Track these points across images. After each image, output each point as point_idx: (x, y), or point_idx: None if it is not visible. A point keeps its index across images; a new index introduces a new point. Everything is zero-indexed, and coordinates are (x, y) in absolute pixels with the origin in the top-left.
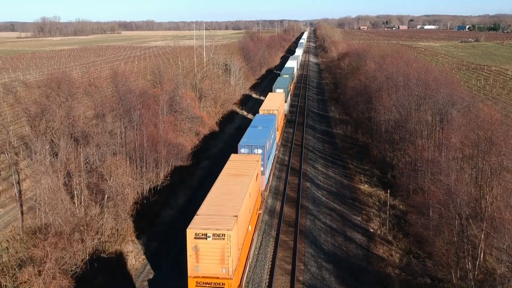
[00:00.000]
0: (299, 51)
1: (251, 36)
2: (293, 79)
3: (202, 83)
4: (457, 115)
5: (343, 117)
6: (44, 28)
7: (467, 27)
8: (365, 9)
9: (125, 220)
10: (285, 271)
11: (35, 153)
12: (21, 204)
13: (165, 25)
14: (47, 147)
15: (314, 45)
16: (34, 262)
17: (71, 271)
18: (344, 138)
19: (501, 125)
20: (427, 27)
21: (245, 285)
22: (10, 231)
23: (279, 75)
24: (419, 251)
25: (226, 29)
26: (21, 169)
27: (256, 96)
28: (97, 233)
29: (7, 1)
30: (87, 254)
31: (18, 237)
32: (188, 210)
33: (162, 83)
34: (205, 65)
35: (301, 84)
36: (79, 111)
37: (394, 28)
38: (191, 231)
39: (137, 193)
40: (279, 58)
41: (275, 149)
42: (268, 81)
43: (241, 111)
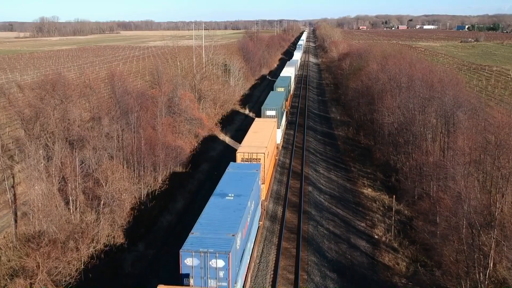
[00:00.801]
0: (297, 54)
1: (250, 36)
2: (289, 92)
3: (201, 84)
4: (464, 117)
5: (344, 118)
6: (42, 28)
7: (467, 27)
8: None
9: (121, 226)
10: (288, 281)
11: (29, 158)
12: (15, 209)
13: (164, 25)
14: (41, 151)
15: (313, 45)
16: (26, 272)
17: (65, 281)
18: (345, 140)
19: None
20: (426, 27)
21: None
22: (3, 238)
23: (272, 83)
24: (426, 259)
25: (225, 29)
26: (16, 173)
27: (256, 96)
28: (93, 240)
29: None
30: (81, 263)
31: (11, 244)
32: (187, 215)
33: (160, 84)
34: (204, 65)
35: (301, 84)
36: (75, 114)
37: (393, 28)
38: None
39: (135, 198)
40: (278, 58)
41: (258, 220)
42: (267, 82)
43: (241, 112)
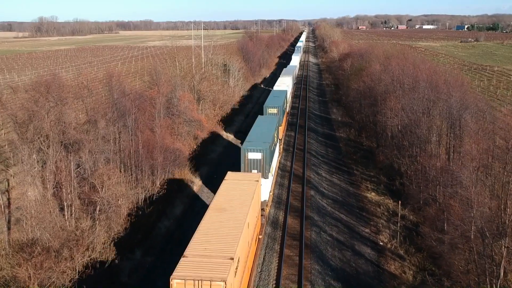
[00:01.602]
0: (295, 59)
1: (250, 36)
2: (285, 111)
3: (200, 84)
4: (471, 120)
5: (345, 119)
6: (41, 28)
7: (466, 27)
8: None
9: (118, 233)
10: None
11: (22, 162)
12: (9, 215)
13: (163, 25)
14: (34, 156)
15: (313, 45)
16: (17, 283)
17: None
18: (347, 142)
19: None
20: (425, 26)
21: None
22: None
23: (265, 96)
24: (434, 267)
25: (224, 28)
26: (10, 176)
27: (256, 97)
28: (88, 248)
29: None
30: (76, 272)
31: (3, 252)
32: (185, 221)
33: (159, 85)
34: (203, 66)
35: (301, 85)
36: (70, 117)
37: (392, 28)
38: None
39: (132, 203)
40: (277, 57)
41: None
42: (267, 82)
43: (241, 113)
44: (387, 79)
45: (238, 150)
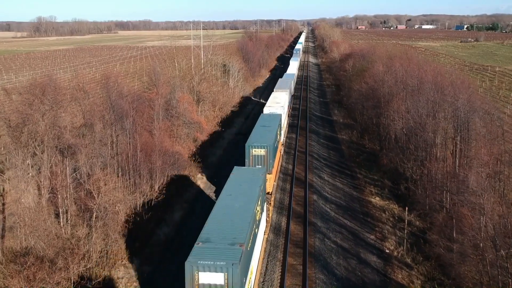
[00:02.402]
0: (293, 66)
1: (249, 36)
2: (277, 148)
3: (200, 85)
4: (480, 124)
5: (347, 121)
6: (40, 28)
7: (466, 26)
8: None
9: (115, 241)
10: None
11: (15, 168)
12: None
13: (162, 25)
14: (28, 161)
15: (313, 45)
16: None
17: None
18: (350, 144)
19: None
20: (425, 26)
21: None
22: None
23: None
24: (442, 277)
25: (223, 28)
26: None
27: (256, 98)
28: (84, 257)
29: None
30: (71, 283)
31: None
32: (184, 227)
33: (157, 86)
34: (202, 66)
35: (301, 85)
36: (66, 121)
37: (392, 27)
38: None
39: (130, 208)
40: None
41: None
42: (267, 82)
43: (241, 114)
44: (390, 81)
45: (238, 152)
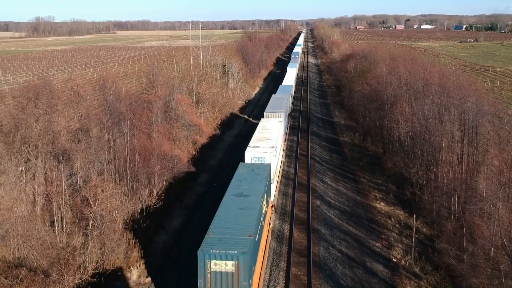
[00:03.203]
0: (291, 74)
1: (249, 36)
2: (268, 201)
3: (199, 87)
4: (491, 128)
5: (349, 123)
6: (38, 28)
7: (464, 27)
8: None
9: (112, 250)
10: None
11: (8, 174)
12: None
13: (160, 25)
14: (21, 168)
15: (312, 45)
16: None
17: None
18: (352, 147)
19: None
20: (423, 26)
21: None
22: None
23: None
24: None
25: (222, 28)
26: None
27: (256, 99)
28: (79, 268)
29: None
30: None
31: None
32: (184, 234)
33: (156, 88)
34: (201, 67)
35: (301, 86)
36: (61, 125)
37: (391, 28)
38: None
39: (127, 214)
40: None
41: None
42: (267, 83)
43: (241, 116)
44: (394, 82)
45: (238, 155)
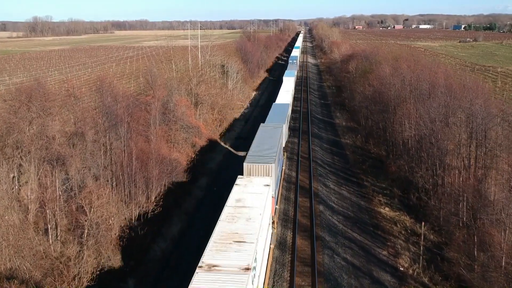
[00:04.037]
0: (287, 85)
1: (248, 36)
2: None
3: (198, 88)
4: (502, 132)
5: (350, 124)
6: (36, 27)
7: (463, 26)
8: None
9: (108, 259)
10: None
11: None
12: None
13: (158, 25)
14: (13, 175)
15: (311, 45)
16: None
17: None
18: (354, 149)
19: None
20: (422, 26)
21: None
22: None
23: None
24: None
25: (220, 28)
26: None
27: (255, 100)
28: (74, 279)
29: None
30: None
31: None
32: (183, 241)
33: (154, 89)
34: (200, 68)
35: (301, 87)
36: (55, 129)
37: (389, 27)
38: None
39: (124, 220)
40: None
41: None
42: (266, 83)
43: (241, 117)
44: (398, 84)
45: (238, 158)
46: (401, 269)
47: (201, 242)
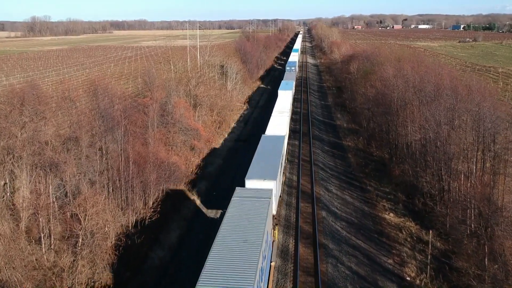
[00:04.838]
0: (283, 103)
1: (247, 36)
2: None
3: (196, 89)
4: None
5: (352, 126)
6: (34, 27)
7: (462, 26)
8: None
9: (104, 269)
10: None
11: None
12: None
13: (157, 25)
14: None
15: (310, 45)
16: None
17: None
18: (356, 152)
19: None
20: (421, 26)
21: None
22: None
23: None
24: None
25: (219, 28)
26: None
27: (255, 100)
28: None
29: None
30: None
31: None
32: (182, 249)
33: (152, 91)
34: (199, 69)
35: (301, 87)
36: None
37: (388, 27)
38: None
39: (121, 227)
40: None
41: None
42: (266, 84)
43: (240, 118)
44: (401, 85)
45: (238, 161)
46: (408, 278)
47: (200, 248)
